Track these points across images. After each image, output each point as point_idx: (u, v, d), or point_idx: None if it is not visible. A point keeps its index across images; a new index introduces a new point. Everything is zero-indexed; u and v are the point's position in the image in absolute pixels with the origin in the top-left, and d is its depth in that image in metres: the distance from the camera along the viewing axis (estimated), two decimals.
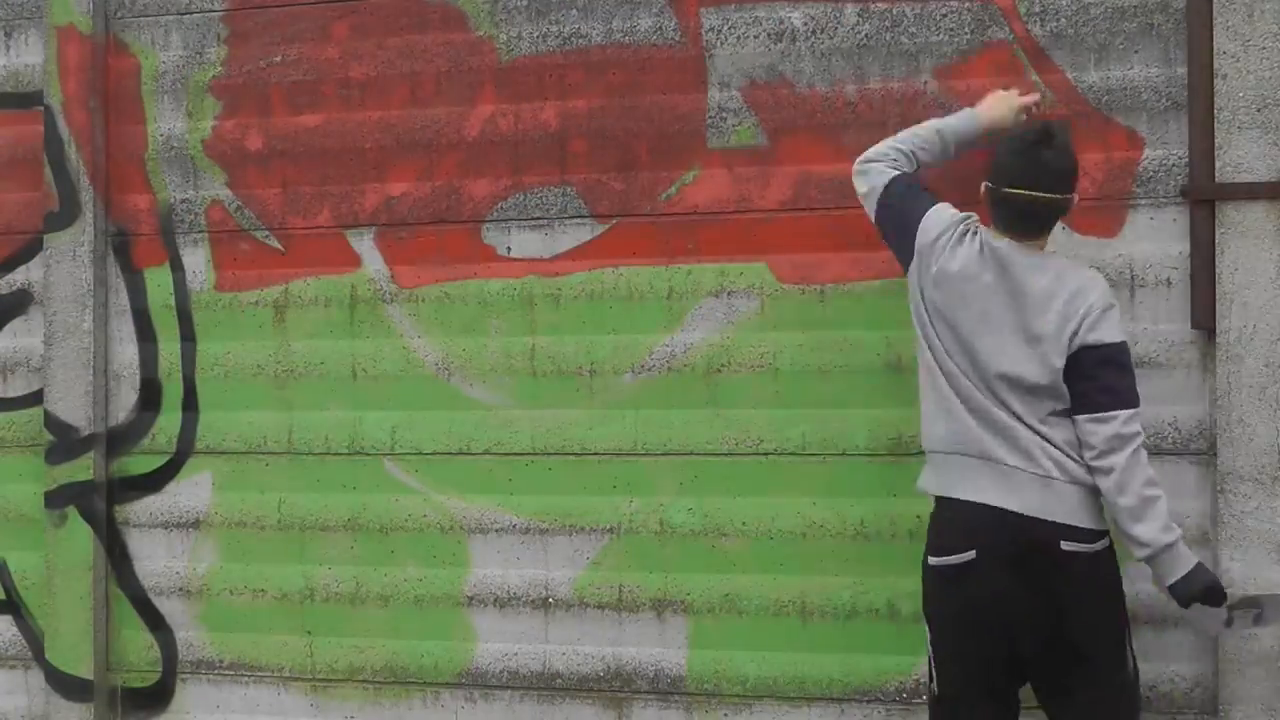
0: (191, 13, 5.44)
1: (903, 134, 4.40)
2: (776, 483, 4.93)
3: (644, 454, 5.05)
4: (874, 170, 4.34)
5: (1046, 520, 3.95)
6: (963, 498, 4.07)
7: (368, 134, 5.28)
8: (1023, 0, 4.64)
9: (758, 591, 4.95)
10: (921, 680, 4.68)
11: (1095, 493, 3.98)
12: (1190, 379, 4.55)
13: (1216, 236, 4.45)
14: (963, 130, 4.38)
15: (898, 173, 4.33)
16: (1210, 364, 4.51)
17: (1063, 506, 3.97)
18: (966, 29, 4.71)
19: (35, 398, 5.59)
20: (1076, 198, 4.18)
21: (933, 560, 4.08)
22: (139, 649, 5.54)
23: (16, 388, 5.66)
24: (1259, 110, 4.40)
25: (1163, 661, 4.58)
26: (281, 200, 5.39)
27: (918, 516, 4.63)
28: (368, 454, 5.30)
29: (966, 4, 4.70)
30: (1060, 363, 3.99)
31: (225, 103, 5.43)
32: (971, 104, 4.64)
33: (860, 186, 4.36)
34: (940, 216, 4.22)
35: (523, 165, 5.15)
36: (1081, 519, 3.97)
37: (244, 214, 5.41)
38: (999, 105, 4.40)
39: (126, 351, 5.54)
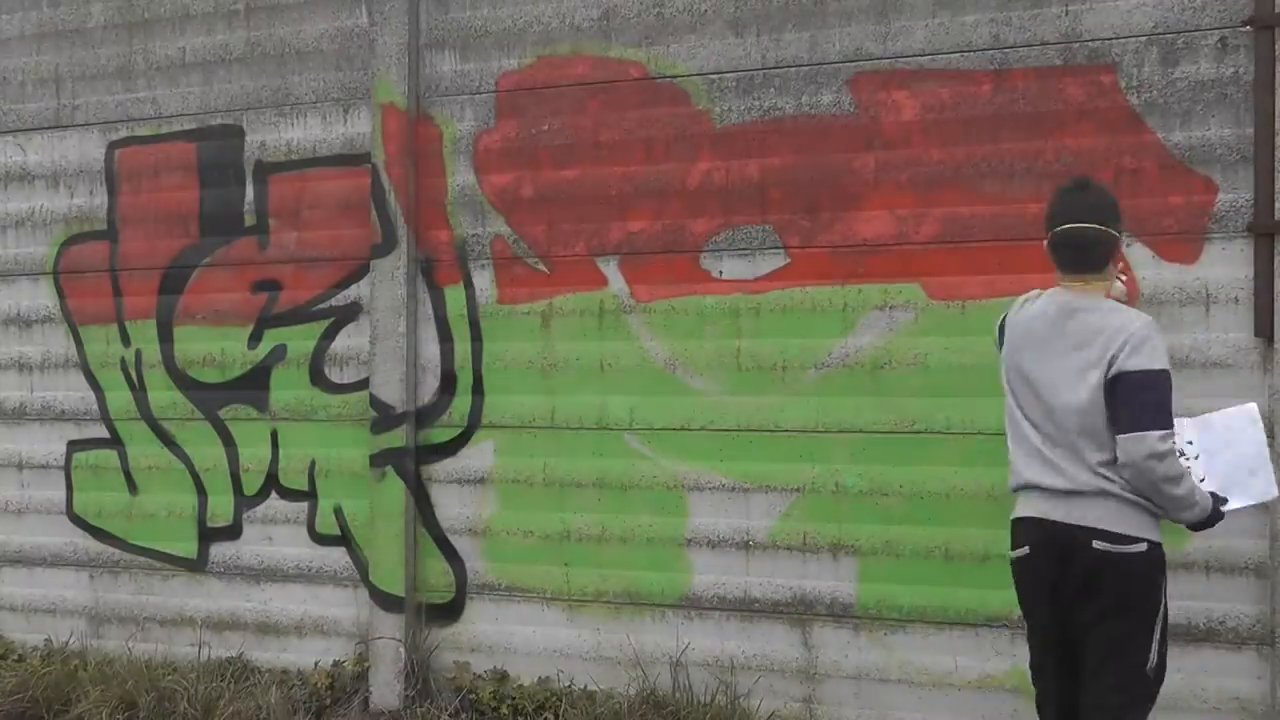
0: (481, 92, 6.30)
1: None
2: (926, 455, 5.62)
3: (824, 431, 5.76)
4: None
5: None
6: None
7: (613, 184, 6.06)
8: (1123, 76, 5.37)
9: (912, 539, 5.66)
10: None
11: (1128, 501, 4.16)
12: (1253, 377, 5.21)
13: (1275, 263, 5.13)
14: None
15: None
16: (1270, 365, 5.17)
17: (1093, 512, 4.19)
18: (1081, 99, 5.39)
19: (363, 384, 6.50)
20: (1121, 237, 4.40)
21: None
22: (438, 574, 6.39)
23: (349, 376, 6.60)
24: None
25: (1231, 603, 5.26)
26: (547, 235, 6.19)
27: None
28: (611, 429, 6.08)
29: (1078, 80, 5.41)
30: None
31: (506, 161, 6.26)
32: (1080, 161, 5.32)
33: None
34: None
35: (732, 208, 5.89)
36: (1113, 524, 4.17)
37: (519, 245, 6.23)
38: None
39: (431, 349, 6.39)
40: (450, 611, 6.42)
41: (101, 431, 7.20)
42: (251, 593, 6.89)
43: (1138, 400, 4.13)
